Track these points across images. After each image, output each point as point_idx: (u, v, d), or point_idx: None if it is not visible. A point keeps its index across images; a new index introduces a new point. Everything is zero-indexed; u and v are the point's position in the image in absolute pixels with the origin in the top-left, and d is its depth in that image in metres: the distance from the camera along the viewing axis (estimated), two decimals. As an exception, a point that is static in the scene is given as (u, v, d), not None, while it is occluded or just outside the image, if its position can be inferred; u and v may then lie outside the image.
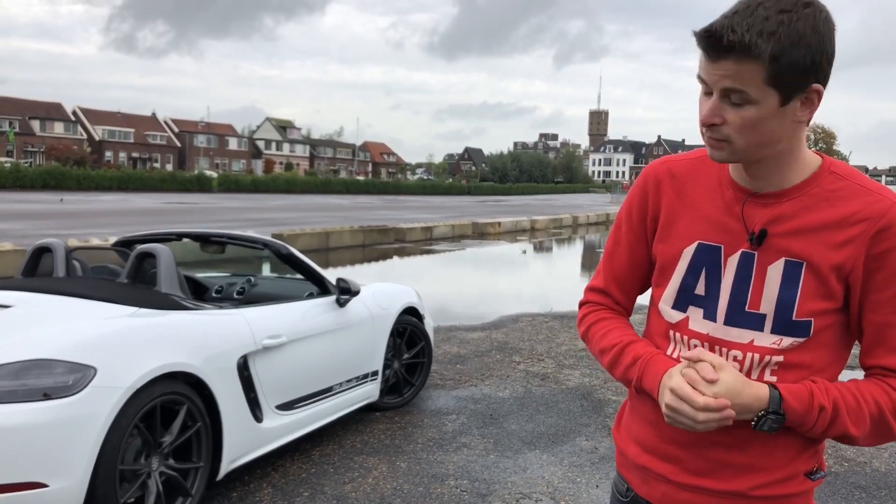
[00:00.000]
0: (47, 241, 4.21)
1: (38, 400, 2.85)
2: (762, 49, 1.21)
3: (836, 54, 1.28)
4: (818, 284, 1.34)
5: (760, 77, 1.24)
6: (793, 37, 1.21)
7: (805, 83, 1.26)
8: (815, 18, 1.23)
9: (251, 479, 4.05)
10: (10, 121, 79.42)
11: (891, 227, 1.30)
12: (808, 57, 1.23)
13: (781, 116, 1.29)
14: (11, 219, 21.62)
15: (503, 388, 6.14)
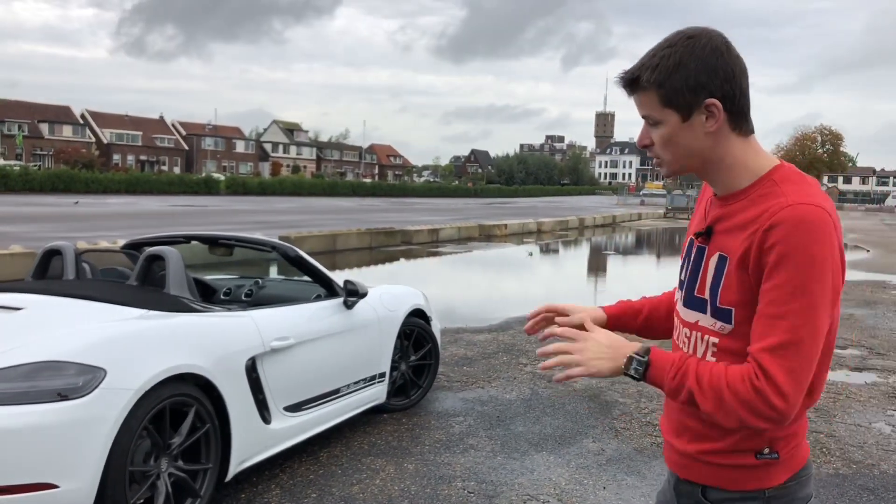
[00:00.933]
0: (57, 244, 4.24)
1: (48, 401, 2.87)
2: (648, 80, 1.48)
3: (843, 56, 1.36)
4: (736, 277, 1.50)
5: (657, 102, 1.50)
6: (671, 66, 1.46)
7: (697, 100, 1.48)
8: (695, 47, 1.46)
9: (259, 481, 4.07)
10: (19, 124, 79.86)
11: (777, 224, 1.42)
12: (690, 79, 1.46)
13: (690, 130, 1.51)
14: (20, 221, 21.73)
15: (510, 389, 6.14)
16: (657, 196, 72.09)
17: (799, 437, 1.59)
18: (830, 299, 1.45)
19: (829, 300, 1.45)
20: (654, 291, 2.11)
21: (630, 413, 5.59)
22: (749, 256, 1.47)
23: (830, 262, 1.43)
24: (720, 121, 1.49)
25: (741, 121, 1.52)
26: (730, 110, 1.50)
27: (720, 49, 1.48)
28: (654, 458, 4.65)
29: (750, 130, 1.56)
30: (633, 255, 22.22)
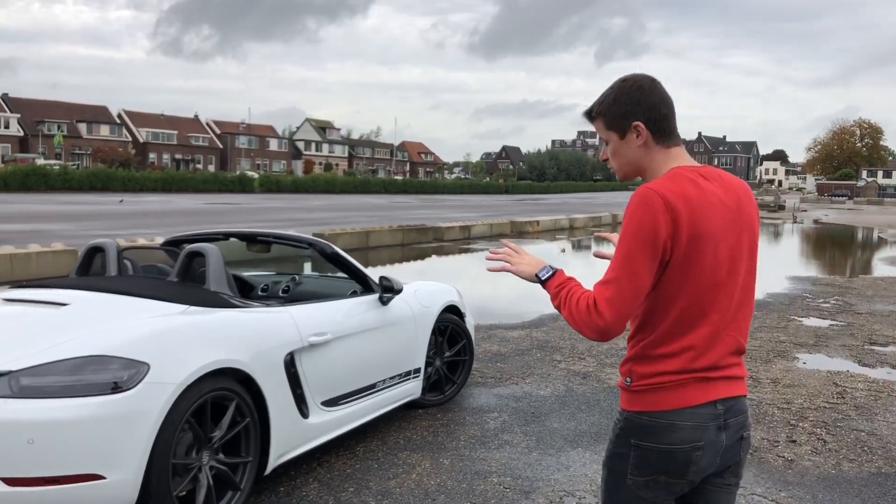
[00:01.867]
0: (100, 242, 4.33)
1: (95, 395, 2.93)
2: (597, 112, 2.10)
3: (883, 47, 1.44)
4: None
5: (604, 126, 2.09)
6: (610, 101, 2.06)
7: (626, 124, 2.04)
8: (624, 87, 2.05)
9: (297, 475, 4.12)
10: (58, 124, 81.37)
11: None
12: (620, 109, 2.04)
13: (626, 145, 2.06)
14: (61, 220, 22.17)
15: (544, 386, 6.14)
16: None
17: (656, 381, 1.96)
18: (650, 255, 1.89)
19: (649, 255, 1.89)
20: None
21: (666, 410, 5.56)
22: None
23: (650, 227, 1.88)
24: (645, 137, 2.03)
25: (663, 137, 2.05)
26: (652, 130, 2.03)
27: (644, 86, 2.04)
28: (691, 455, 4.62)
29: (673, 144, 2.06)
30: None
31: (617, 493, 2.03)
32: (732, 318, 1.99)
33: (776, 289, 12.77)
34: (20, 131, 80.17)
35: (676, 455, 1.94)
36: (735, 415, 2.00)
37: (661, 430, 1.95)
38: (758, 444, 4.86)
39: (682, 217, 1.89)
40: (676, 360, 1.94)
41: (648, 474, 1.97)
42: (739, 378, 2.04)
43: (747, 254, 2.03)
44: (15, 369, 2.92)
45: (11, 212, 25.51)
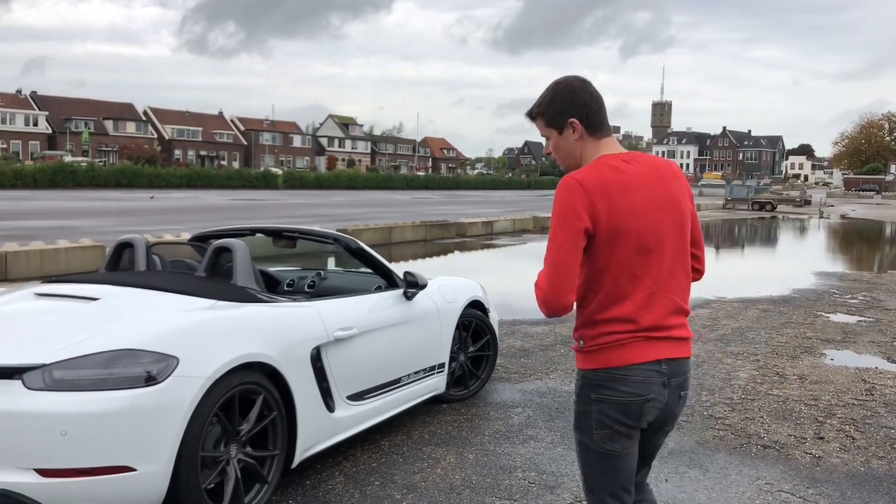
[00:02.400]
0: (129, 237, 4.38)
1: (126, 388, 2.98)
2: (536, 112, 2.38)
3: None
4: None
5: (543, 125, 2.37)
6: (546, 102, 2.34)
7: (562, 121, 2.31)
8: (558, 88, 2.33)
9: (324, 468, 4.16)
10: (85, 122, 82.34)
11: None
12: (557, 109, 2.31)
13: (564, 139, 2.34)
14: (88, 216, 22.46)
15: (569, 381, 6.13)
16: (716, 187, 70.61)
17: (605, 341, 2.22)
18: (573, 233, 2.16)
19: (571, 233, 2.16)
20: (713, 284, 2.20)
21: (691, 406, 5.53)
22: None
23: (570, 211, 2.17)
24: (580, 131, 2.31)
25: (595, 130, 2.31)
26: (585, 125, 2.30)
27: (575, 87, 2.32)
28: (717, 452, 4.60)
29: (604, 135, 2.33)
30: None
31: (587, 452, 2.32)
32: (666, 281, 2.25)
33: (802, 284, 12.64)
34: (48, 129, 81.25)
35: (631, 406, 2.23)
36: (676, 375, 2.28)
37: (615, 383, 2.22)
38: (784, 440, 4.82)
39: (599, 198, 2.17)
40: (619, 322, 2.21)
41: (610, 427, 2.25)
42: (683, 339, 2.31)
43: (675, 224, 2.28)
44: (48, 362, 2.97)
45: (40, 208, 25.87)
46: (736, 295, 11.26)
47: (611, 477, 2.29)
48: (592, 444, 2.28)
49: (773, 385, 6.15)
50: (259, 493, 3.51)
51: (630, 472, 2.31)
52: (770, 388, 6.07)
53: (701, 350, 7.41)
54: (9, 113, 78.61)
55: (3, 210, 24.49)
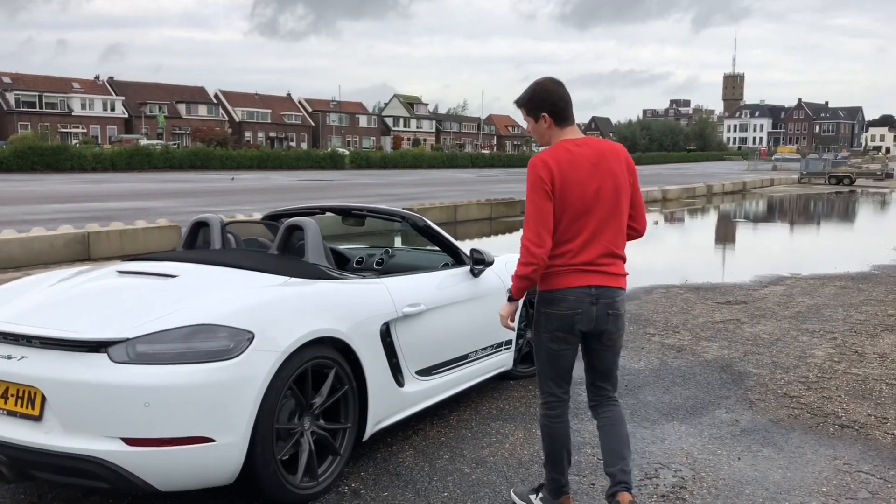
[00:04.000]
0: (204, 216, 4.51)
1: (204, 362, 3.08)
2: (520, 103, 3.20)
3: None
4: None
5: (525, 113, 3.19)
6: (527, 97, 3.16)
7: (538, 113, 3.15)
8: (537, 89, 3.15)
9: (394, 442, 4.23)
10: (159, 105, 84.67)
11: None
12: (533, 103, 3.15)
13: (538, 126, 3.18)
14: (164, 197, 23.16)
15: (637, 359, 6.08)
16: (791, 161, 68.43)
17: (552, 270, 3.09)
18: (544, 196, 3.02)
19: (543, 196, 3.02)
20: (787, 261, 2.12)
21: (765, 384, 5.42)
22: None
23: (539, 181, 3.03)
24: (549, 122, 3.15)
25: (560, 121, 3.15)
26: (553, 118, 3.14)
27: (549, 89, 3.15)
28: (792, 430, 4.50)
29: (567, 125, 3.16)
30: (765, 223, 21.27)
31: (539, 349, 3.23)
32: (601, 232, 3.07)
33: (883, 261, 12.18)
34: (125, 113, 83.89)
35: (565, 318, 3.10)
36: (604, 297, 3.09)
37: (556, 300, 3.10)
38: (864, 420, 4.69)
39: (554, 171, 3.02)
40: (562, 259, 3.07)
41: (551, 331, 3.15)
42: (614, 274, 3.12)
43: (612, 192, 3.07)
44: (131, 337, 3.09)
45: (119, 190, 26.80)
46: (811, 271, 10.93)
47: (553, 368, 3.25)
48: (541, 344, 3.22)
49: (852, 364, 5.98)
50: (332, 465, 3.60)
51: (567, 368, 3.26)
52: (848, 366, 5.90)
53: (775, 328, 7.23)
54: (88, 98, 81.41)
55: (84, 193, 25.46)
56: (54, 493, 3.55)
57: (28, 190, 26.31)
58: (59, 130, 75.44)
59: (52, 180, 33.08)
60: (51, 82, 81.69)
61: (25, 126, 72.38)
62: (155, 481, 3.02)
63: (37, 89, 78.64)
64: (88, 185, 29.53)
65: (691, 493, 3.64)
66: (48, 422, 3.02)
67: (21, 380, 3.07)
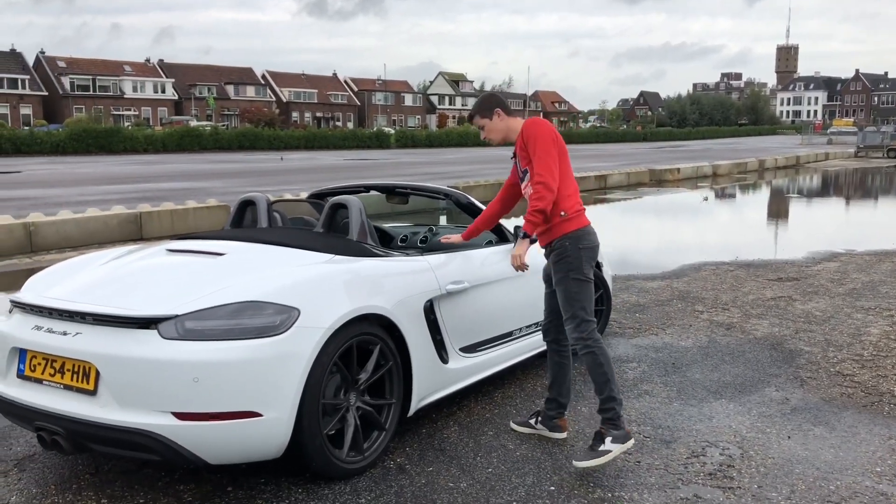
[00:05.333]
0: (251, 195, 4.57)
1: (252, 338, 3.13)
2: (475, 113, 4.01)
3: None
4: (521, 157, 3.81)
5: (479, 117, 3.98)
6: (480, 105, 4.00)
7: (490, 111, 3.93)
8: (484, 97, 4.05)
9: (439, 418, 4.26)
10: (208, 87, 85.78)
11: (521, 131, 3.77)
12: (486, 106, 3.96)
13: (495, 122, 3.93)
14: (213, 178, 23.52)
15: (685, 337, 6.00)
16: (847, 134, 66.43)
17: (576, 211, 3.71)
18: (555, 148, 3.67)
19: (554, 147, 3.66)
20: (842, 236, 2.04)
21: (817, 362, 5.30)
22: (521, 148, 3.76)
23: (551, 136, 3.68)
24: (503, 116, 3.90)
25: (509, 112, 3.91)
26: (504, 111, 3.91)
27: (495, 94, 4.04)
28: (845, 409, 4.40)
29: (516, 115, 3.92)
30: (819, 198, 20.73)
31: (582, 285, 3.67)
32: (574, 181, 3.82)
33: (945, 236, 11.77)
34: (175, 95, 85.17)
35: (595, 247, 3.76)
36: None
37: (587, 234, 3.73)
38: (920, 399, 4.56)
39: (556, 131, 3.71)
40: (577, 201, 3.74)
41: (589, 261, 3.70)
42: None
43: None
44: (180, 313, 3.15)
45: (170, 171, 27.30)
46: (867, 247, 10.63)
47: (589, 294, 3.71)
48: (585, 277, 3.66)
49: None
50: (377, 440, 3.64)
51: None
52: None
53: (828, 305, 7.07)
54: (139, 81, 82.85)
55: (136, 174, 26.00)
56: (110, 465, 3.66)
57: (83, 172, 26.97)
58: (111, 113, 76.93)
59: (105, 162, 33.85)
60: (103, 66, 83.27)
61: (80, 109, 74.02)
62: (204, 454, 3.09)
63: (90, 73, 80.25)
64: (140, 167, 30.15)
65: (739, 472, 3.59)
66: (102, 396, 3.11)
67: (76, 355, 3.16)
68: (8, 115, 71.02)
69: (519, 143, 3.78)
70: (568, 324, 3.70)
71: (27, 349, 3.33)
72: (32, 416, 3.23)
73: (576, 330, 3.66)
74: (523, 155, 3.76)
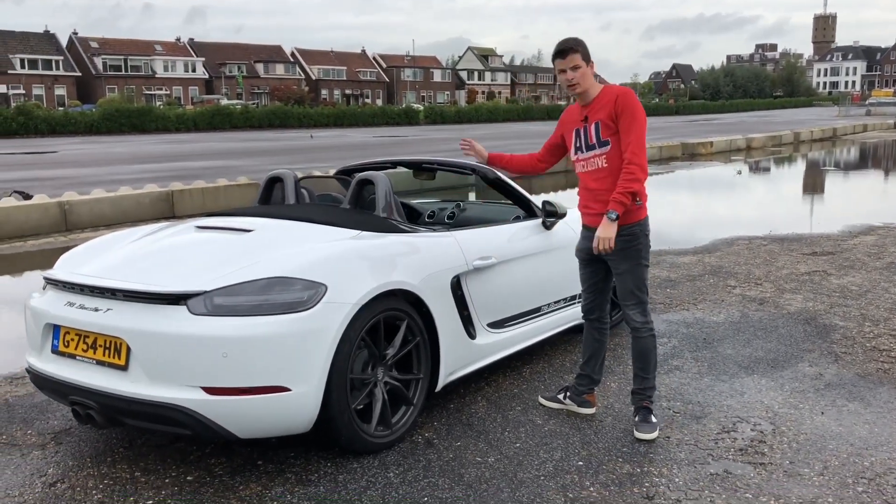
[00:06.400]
0: (278, 172, 4.57)
1: (280, 313, 3.15)
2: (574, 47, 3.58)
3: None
4: (605, 126, 3.57)
5: (581, 57, 3.57)
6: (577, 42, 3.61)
7: (589, 56, 3.59)
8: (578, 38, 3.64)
9: (466, 393, 4.26)
10: (238, 65, 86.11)
11: (618, 97, 3.53)
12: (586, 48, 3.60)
13: (590, 70, 3.61)
14: (244, 156, 23.68)
15: (717, 312, 5.93)
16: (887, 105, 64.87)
17: (645, 200, 3.67)
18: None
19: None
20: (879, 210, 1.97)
21: (852, 337, 5.21)
22: (612, 116, 3.54)
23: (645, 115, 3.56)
24: (593, 67, 3.63)
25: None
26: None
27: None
28: (881, 385, 4.32)
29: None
30: (857, 171, 20.29)
31: (644, 270, 3.69)
32: None
33: None
34: (205, 74, 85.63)
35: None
36: None
37: (648, 225, 3.71)
38: (959, 375, 4.46)
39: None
40: (644, 189, 3.62)
41: (649, 250, 3.72)
42: None
43: None
44: (209, 289, 3.18)
45: (202, 150, 27.53)
46: (907, 221, 10.40)
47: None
48: (649, 264, 3.73)
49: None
50: (405, 415, 3.66)
51: None
52: (944, 319, 5.61)
53: (864, 279, 6.93)
54: (170, 60, 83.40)
55: (168, 152, 26.26)
56: (144, 439, 3.72)
57: (116, 151, 27.30)
58: (143, 93, 77.69)
59: (138, 141, 34.22)
60: (135, 46, 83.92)
61: (112, 89, 74.79)
62: (234, 429, 3.13)
63: (122, 53, 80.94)
64: (172, 146, 30.43)
65: (770, 448, 3.55)
66: (134, 371, 3.15)
67: (108, 331, 3.20)
68: (43, 95, 72.07)
69: (607, 110, 3.54)
70: (634, 308, 3.69)
71: (61, 325, 3.39)
72: (67, 390, 3.29)
73: (642, 314, 3.69)
74: (608, 124, 3.54)
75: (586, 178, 3.73)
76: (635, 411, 3.78)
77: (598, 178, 3.65)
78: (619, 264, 3.66)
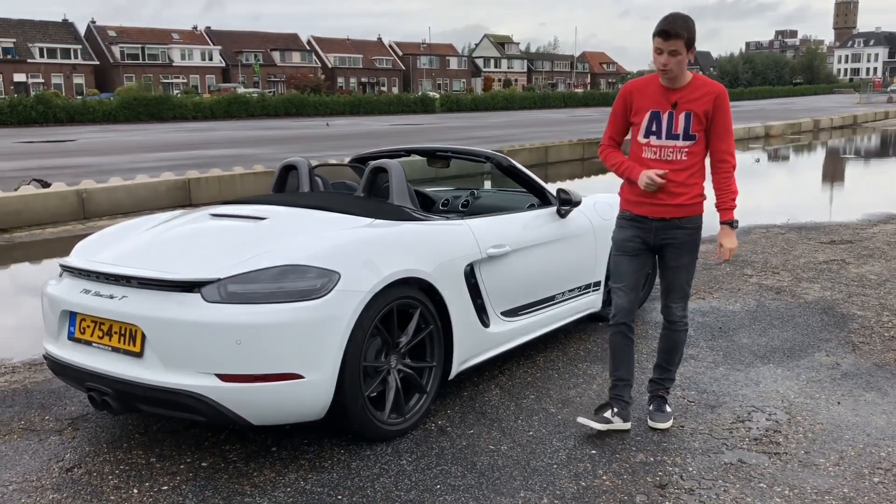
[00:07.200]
0: (293, 160, 4.58)
1: (294, 301, 3.15)
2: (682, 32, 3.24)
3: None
4: (696, 120, 3.37)
5: (684, 45, 3.26)
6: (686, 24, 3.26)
7: (694, 41, 3.27)
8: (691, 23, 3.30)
9: (480, 381, 4.26)
10: (254, 54, 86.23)
11: (718, 96, 3.38)
12: (694, 32, 3.27)
13: (684, 58, 3.28)
14: (260, 144, 23.74)
15: (733, 301, 5.89)
16: (909, 92, 63.84)
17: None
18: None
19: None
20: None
21: (870, 327, 5.16)
22: (707, 110, 3.37)
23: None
24: (693, 53, 3.31)
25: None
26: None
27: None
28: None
29: None
30: (878, 159, 20.04)
31: (695, 264, 3.64)
32: None
33: None
34: (222, 62, 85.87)
35: None
36: None
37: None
38: (979, 365, 4.40)
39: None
40: None
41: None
42: None
43: None
44: (223, 277, 3.19)
45: (218, 138, 27.62)
46: (928, 209, 10.27)
47: None
48: (695, 262, 3.64)
49: None
50: (419, 403, 3.66)
51: None
52: (964, 309, 5.54)
53: (883, 268, 6.86)
54: (187, 49, 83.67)
55: (185, 141, 26.37)
56: (159, 426, 3.75)
57: (134, 139, 27.46)
58: (161, 81, 78.04)
59: (155, 129, 34.39)
60: (152, 34, 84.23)
61: (130, 78, 75.23)
62: (248, 415, 3.15)
63: (139, 41, 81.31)
64: (189, 134, 30.56)
65: (786, 437, 3.53)
66: (149, 358, 3.17)
67: (123, 318, 3.22)
68: (62, 84, 72.55)
69: (704, 105, 3.34)
70: (680, 302, 3.61)
71: (77, 312, 3.42)
72: (83, 376, 3.32)
73: (685, 308, 3.64)
74: (701, 118, 3.36)
75: (654, 167, 3.43)
76: (650, 400, 3.77)
77: (674, 171, 3.40)
78: (681, 257, 3.54)
